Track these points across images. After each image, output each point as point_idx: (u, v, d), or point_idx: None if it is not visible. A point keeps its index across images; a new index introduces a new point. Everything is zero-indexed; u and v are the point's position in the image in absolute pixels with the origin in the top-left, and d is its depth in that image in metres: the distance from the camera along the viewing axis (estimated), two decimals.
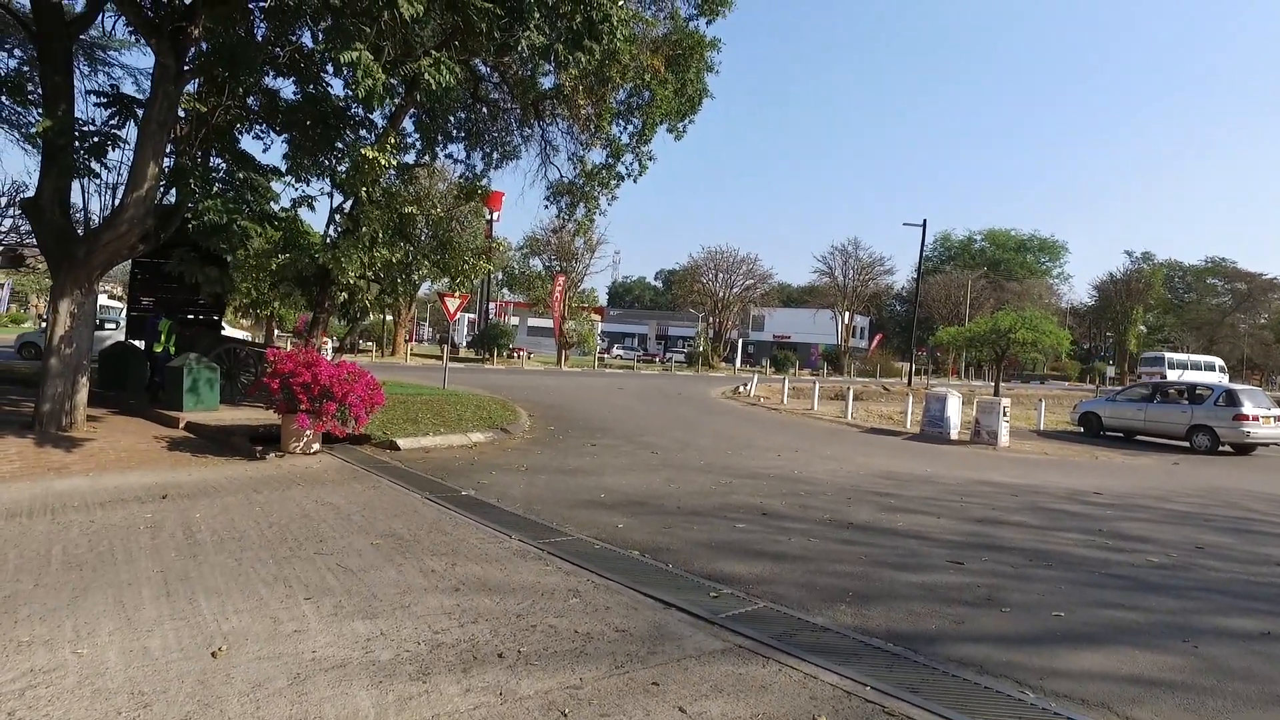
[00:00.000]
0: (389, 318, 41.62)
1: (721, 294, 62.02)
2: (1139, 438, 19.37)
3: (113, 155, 10.34)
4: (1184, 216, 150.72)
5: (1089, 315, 77.99)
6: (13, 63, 14.45)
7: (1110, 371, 61.31)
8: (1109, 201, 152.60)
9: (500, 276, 50.18)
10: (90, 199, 11.42)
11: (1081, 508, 9.39)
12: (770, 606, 4.95)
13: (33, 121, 12.05)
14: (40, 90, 10.64)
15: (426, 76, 8.17)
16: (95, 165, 10.13)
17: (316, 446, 9.71)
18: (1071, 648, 4.57)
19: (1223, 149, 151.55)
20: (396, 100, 12.27)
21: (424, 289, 42.78)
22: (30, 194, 10.55)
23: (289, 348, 13.59)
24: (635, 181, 15.70)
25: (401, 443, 10.41)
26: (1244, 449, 17.51)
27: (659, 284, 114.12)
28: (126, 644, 3.86)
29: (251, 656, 3.77)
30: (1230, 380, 42.00)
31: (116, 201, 10.30)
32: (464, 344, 48.54)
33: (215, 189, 10.53)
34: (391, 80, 9.20)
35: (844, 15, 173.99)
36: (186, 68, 10.11)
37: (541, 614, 4.57)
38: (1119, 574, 6.31)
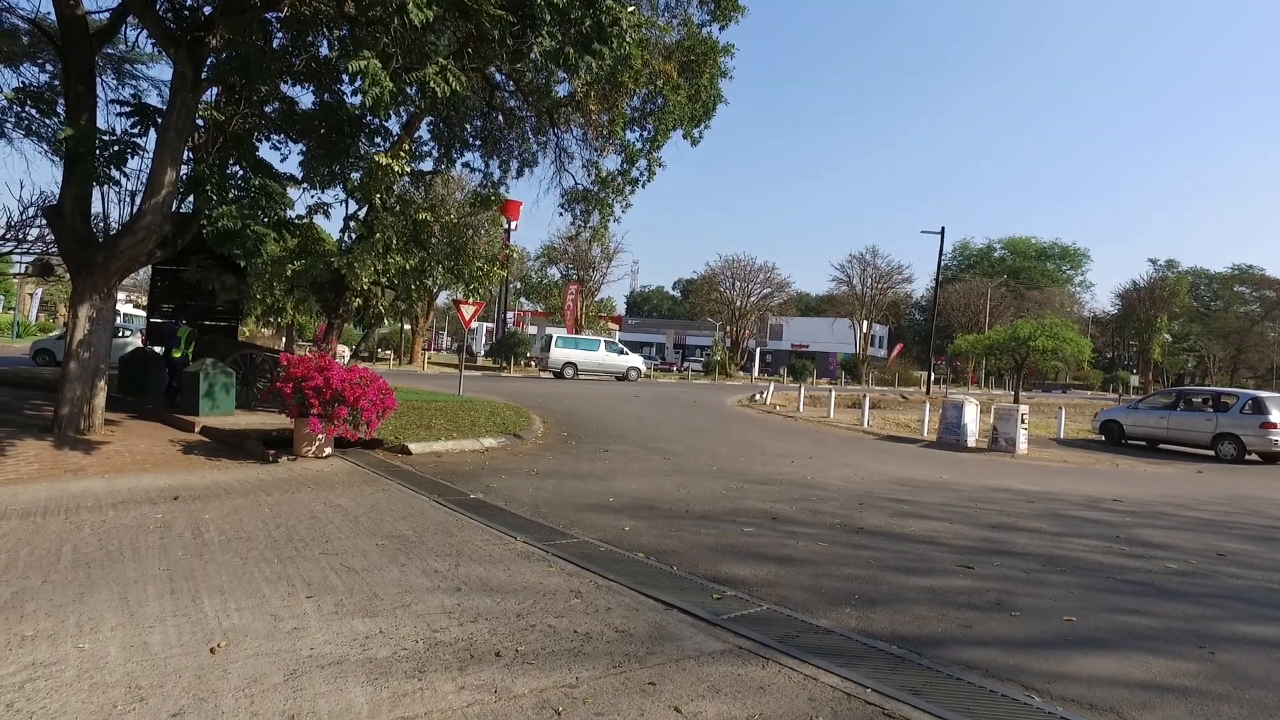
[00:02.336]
0: (406, 326, 41.90)
1: (739, 303, 61.82)
2: (1162, 446, 19.03)
3: (132, 163, 10.49)
4: (1210, 224, 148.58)
5: (1112, 324, 76.90)
6: (44, 76, 14.78)
7: (1134, 380, 60.25)
8: (1132, 209, 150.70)
9: (517, 286, 50.35)
10: (110, 206, 11.66)
11: (1100, 514, 9.21)
12: (773, 609, 4.89)
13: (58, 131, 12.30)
14: (64, 101, 10.87)
15: (431, 84, 8.24)
16: (115, 173, 10.30)
17: (328, 450, 9.77)
18: (1082, 652, 4.46)
19: (1250, 154, 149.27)
20: (410, 108, 12.38)
21: (442, 298, 43.09)
22: (54, 203, 10.77)
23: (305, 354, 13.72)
24: (644, 187, 15.73)
25: (413, 447, 10.45)
26: (1271, 458, 17.11)
27: (676, 293, 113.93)
28: (128, 639, 3.89)
29: (250, 653, 3.78)
30: (1258, 389, 41.07)
31: (135, 208, 10.48)
32: (482, 353, 48.67)
33: (231, 195, 10.66)
34: (407, 88, 9.29)
35: (864, 22, 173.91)
36: (205, 76, 10.28)
37: (541, 614, 4.54)
38: (1135, 580, 6.17)
